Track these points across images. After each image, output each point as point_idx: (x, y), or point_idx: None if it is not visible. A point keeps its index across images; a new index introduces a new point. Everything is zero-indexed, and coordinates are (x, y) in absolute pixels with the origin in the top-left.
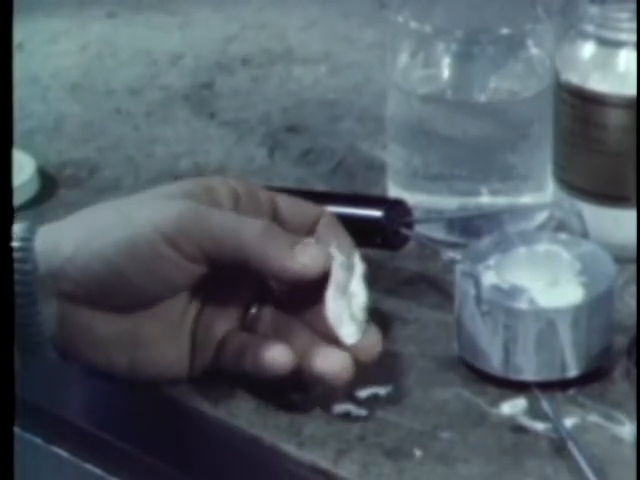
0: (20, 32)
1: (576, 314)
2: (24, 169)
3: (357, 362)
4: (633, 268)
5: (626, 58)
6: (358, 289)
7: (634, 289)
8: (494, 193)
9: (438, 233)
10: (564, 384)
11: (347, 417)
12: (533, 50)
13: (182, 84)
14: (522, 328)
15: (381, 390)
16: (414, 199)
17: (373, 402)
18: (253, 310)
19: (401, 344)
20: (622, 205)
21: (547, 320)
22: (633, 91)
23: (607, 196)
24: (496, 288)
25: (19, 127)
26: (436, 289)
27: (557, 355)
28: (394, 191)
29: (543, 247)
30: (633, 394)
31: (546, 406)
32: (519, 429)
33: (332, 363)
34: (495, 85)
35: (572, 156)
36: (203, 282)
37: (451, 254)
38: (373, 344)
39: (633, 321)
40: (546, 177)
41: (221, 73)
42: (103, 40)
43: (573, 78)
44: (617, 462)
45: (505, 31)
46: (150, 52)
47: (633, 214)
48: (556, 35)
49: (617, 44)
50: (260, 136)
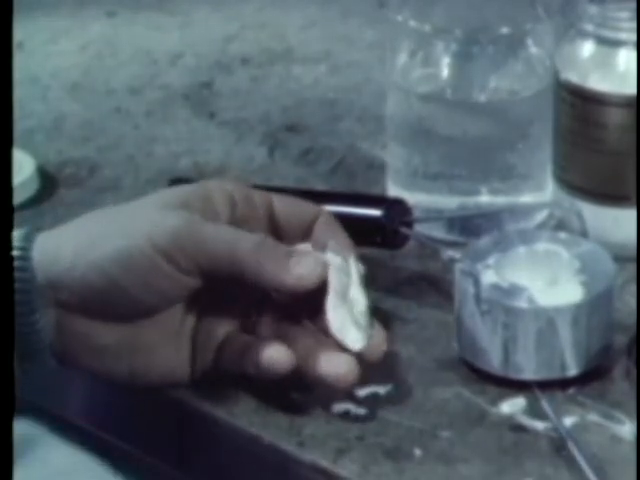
0: (20, 31)
1: (576, 313)
2: (24, 168)
3: (363, 362)
4: (633, 267)
5: (626, 57)
6: (357, 294)
7: (634, 288)
8: (494, 192)
9: (438, 232)
10: (564, 383)
11: (347, 416)
12: (533, 49)
13: (182, 83)
14: (522, 327)
15: (381, 389)
16: (414, 198)
17: (373, 401)
18: (253, 315)
19: (401, 343)
20: (622, 204)
21: (547, 319)
22: (633, 90)
23: (607, 195)
24: (496, 287)
25: (19, 126)
26: (436, 288)
27: (557, 354)
28: (394, 190)
29: (543, 246)
30: (633, 393)
31: (546, 405)
32: (519, 428)
33: (336, 366)
34: (495, 84)
35: (572, 155)
36: (202, 288)
37: (451, 253)
38: (378, 344)
39: (633, 320)
40: (546, 176)
41: (221, 72)
42: (103, 40)
43: (573, 77)
44: (617, 461)
45: (505, 30)
46: (150, 51)
47: (633, 213)
48: (556, 34)
49: (617, 43)
50: (260, 135)
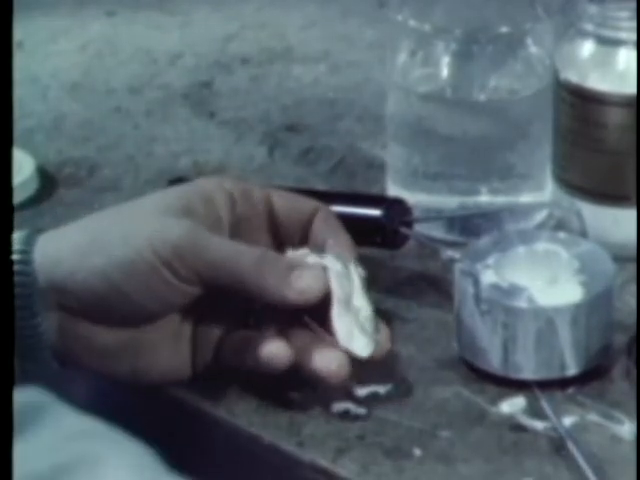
0: (20, 31)
1: (575, 313)
2: (23, 168)
3: (362, 361)
4: (632, 267)
5: (626, 57)
6: (361, 300)
7: (633, 288)
8: (494, 192)
9: (438, 232)
10: (563, 383)
11: (347, 416)
12: (532, 49)
13: (182, 83)
14: (521, 327)
15: (381, 389)
16: (414, 198)
17: (373, 401)
18: (253, 314)
19: (401, 343)
20: (621, 204)
21: (546, 319)
22: (632, 90)
23: (606, 195)
24: (495, 287)
25: (19, 126)
26: (436, 288)
27: (556, 354)
28: (394, 190)
29: (542, 246)
30: (632, 393)
31: (545, 405)
32: (518, 428)
33: (328, 362)
34: (494, 84)
35: (571, 155)
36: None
37: (450, 253)
38: (383, 343)
39: (632, 320)
40: (545, 176)
41: (221, 72)
42: (103, 39)
43: (572, 77)
44: (616, 461)
45: (504, 30)
46: (150, 51)
47: (632, 213)
48: (555, 34)
49: (616, 43)
50: (260, 135)
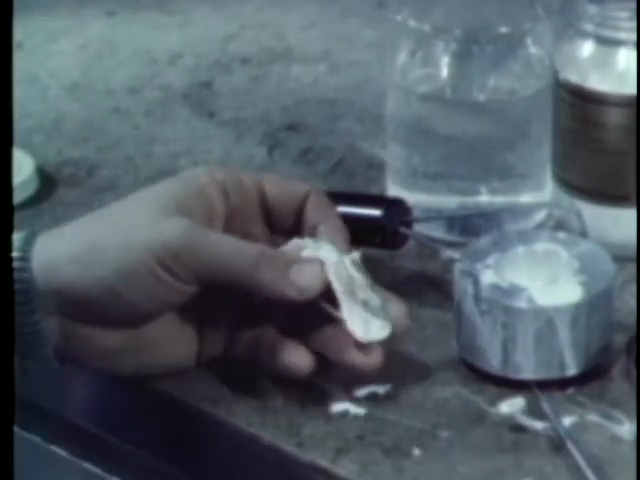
0: (19, 31)
1: (575, 313)
2: (23, 168)
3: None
4: (632, 267)
5: (625, 57)
6: (366, 293)
7: (633, 288)
8: (493, 192)
9: (437, 232)
10: (563, 383)
11: (346, 416)
12: (532, 49)
13: (181, 83)
14: (521, 327)
15: (380, 389)
16: (413, 198)
17: (372, 401)
18: (259, 307)
19: (400, 343)
20: (621, 204)
21: (546, 319)
22: (632, 90)
23: (606, 195)
24: (495, 287)
25: (18, 126)
26: (435, 288)
27: (556, 354)
28: (393, 190)
29: (542, 246)
30: (632, 393)
31: (545, 405)
32: (518, 428)
33: (366, 356)
34: (494, 84)
35: (571, 155)
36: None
37: (450, 253)
38: (401, 319)
39: (632, 320)
40: (545, 176)
41: (220, 72)
42: (102, 39)
43: (572, 77)
44: (616, 461)
45: (504, 30)
46: (149, 51)
47: (632, 213)
48: (555, 34)
49: (616, 43)
50: (259, 135)
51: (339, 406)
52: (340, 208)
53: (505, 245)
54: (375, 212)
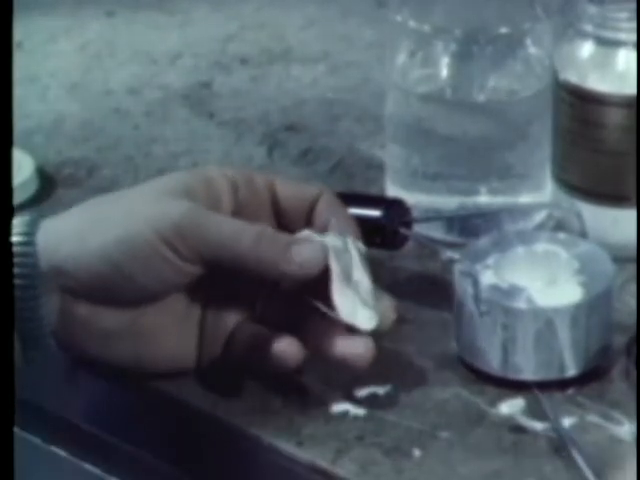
0: (19, 31)
1: (575, 313)
2: (23, 168)
3: (376, 331)
4: (632, 267)
5: (625, 57)
6: (361, 275)
7: (633, 288)
8: (493, 192)
9: (437, 233)
10: (563, 384)
11: (346, 417)
12: (532, 49)
13: (181, 84)
14: (521, 328)
15: (380, 390)
16: (413, 198)
17: (372, 401)
18: (261, 301)
19: (400, 343)
20: (621, 204)
21: (546, 320)
22: (632, 90)
23: (606, 195)
24: (495, 288)
25: (18, 126)
26: (435, 289)
27: (556, 355)
28: (393, 190)
29: (542, 247)
30: (632, 394)
31: (545, 406)
32: (518, 429)
33: (354, 347)
34: (494, 84)
35: (571, 155)
36: (208, 275)
37: (450, 254)
38: (388, 314)
39: (632, 320)
40: (545, 176)
41: (220, 72)
42: (102, 39)
43: (572, 77)
44: (616, 462)
45: (504, 30)
46: (149, 51)
47: (632, 213)
48: (555, 34)
49: (616, 43)
50: (259, 135)
51: (339, 406)
52: None
53: (505, 246)
54: (375, 212)
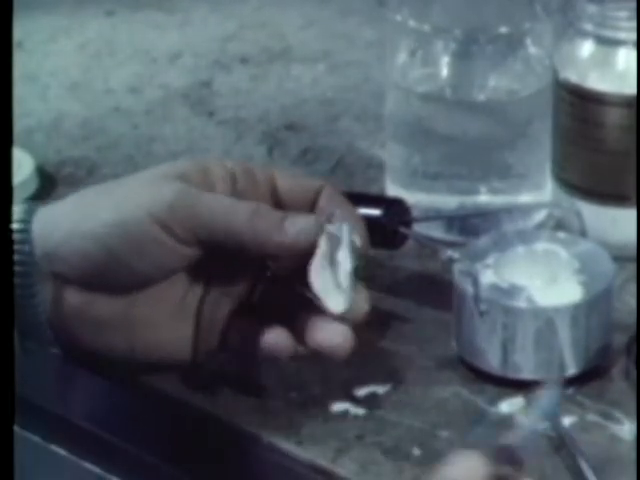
0: (19, 30)
1: (575, 313)
2: (23, 167)
3: (346, 317)
4: (632, 267)
5: (625, 57)
6: (343, 258)
7: (633, 288)
8: (493, 192)
9: (437, 232)
10: (563, 383)
11: (346, 416)
12: (532, 49)
13: (181, 83)
14: (521, 327)
15: (380, 389)
16: (413, 198)
17: (372, 401)
18: (257, 290)
19: (400, 343)
20: (621, 204)
21: (546, 319)
22: (632, 90)
23: (606, 195)
24: (495, 287)
25: (18, 125)
26: (435, 288)
27: (556, 354)
28: (393, 190)
29: (542, 246)
30: (632, 393)
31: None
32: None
33: (332, 335)
34: (494, 84)
35: (571, 155)
36: (204, 264)
37: (450, 253)
38: (360, 304)
39: (632, 320)
40: (545, 176)
41: (220, 72)
42: (102, 39)
43: (572, 77)
44: (616, 461)
45: (504, 30)
46: (149, 51)
47: (632, 213)
48: (555, 34)
49: (616, 43)
50: (259, 135)
51: (339, 406)
52: None
53: (505, 245)
54: (375, 212)
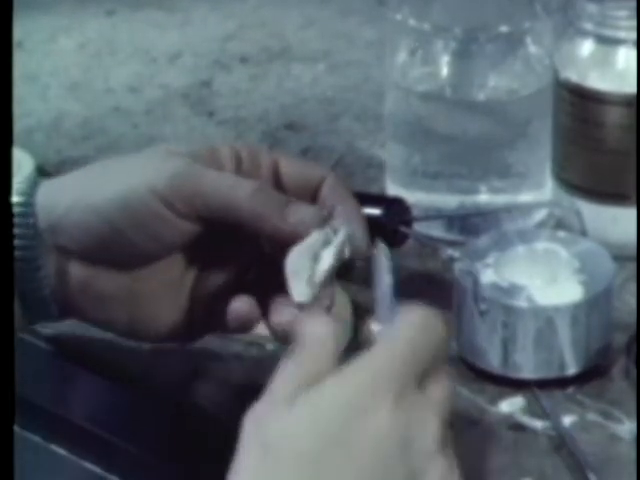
0: (19, 30)
1: (575, 312)
2: (23, 167)
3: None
4: (632, 266)
5: (625, 56)
6: (327, 256)
7: (633, 287)
8: (493, 191)
9: (437, 231)
10: (563, 382)
11: None
12: (532, 48)
13: (181, 82)
14: (521, 326)
15: None
16: (413, 197)
17: None
18: (250, 271)
19: None
20: (621, 203)
21: (546, 318)
22: (632, 89)
23: (606, 194)
24: (495, 286)
25: (18, 125)
26: (435, 287)
27: (556, 353)
28: (393, 189)
29: (542, 245)
30: (632, 392)
31: (545, 404)
32: (518, 427)
33: (285, 319)
34: (494, 83)
35: (571, 154)
36: (201, 245)
37: (450, 252)
38: (323, 297)
39: (632, 319)
40: (545, 175)
41: (220, 71)
42: (102, 38)
43: (572, 76)
44: (616, 460)
45: (504, 29)
46: (149, 50)
47: (632, 212)
48: (555, 33)
49: (616, 42)
50: (259, 134)
51: None
52: None
53: (505, 244)
54: (375, 211)
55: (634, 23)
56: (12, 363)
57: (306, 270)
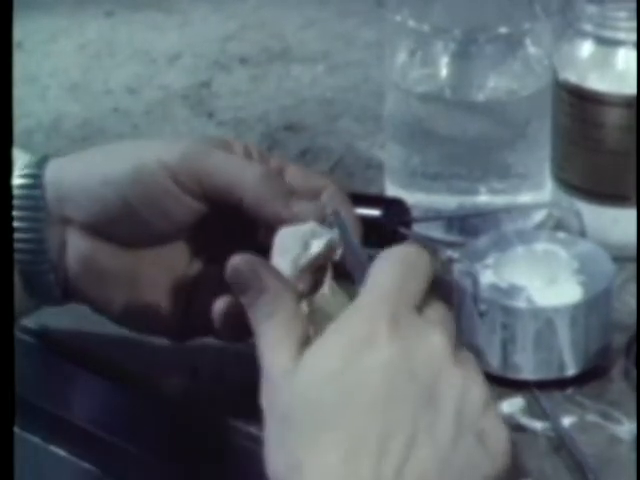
0: (19, 31)
1: (574, 313)
2: None
3: None
4: (631, 267)
5: (624, 57)
6: (315, 247)
7: (633, 288)
8: (492, 192)
9: (436, 232)
10: (562, 383)
11: None
12: (531, 49)
13: (180, 83)
14: (520, 327)
15: None
16: (412, 198)
17: None
18: None
19: None
20: (620, 204)
21: (545, 319)
22: (631, 90)
23: (605, 195)
24: (494, 287)
25: (18, 126)
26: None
27: (555, 354)
28: (392, 190)
29: (541, 246)
30: (631, 393)
31: (544, 405)
32: (517, 428)
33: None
34: (493, 84)
35: (570, 155)
36: (207, 239)
37: (449, 253)
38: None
39: (632, 320)
40: (544, 176)
41: (219, 72)
42: (101, 39)
43: (571, 77)
44: (615, 461)
45: (503, 30)
46: (148, 51)
47: (632, 213)
48: (554, 34)
49: (615, 43)
50: (258, 135)
51: None
52: None
53: (504, 245)
54: (374, 212)
55: (634, 24)
56: (12, 363)
57: (293, 250)
